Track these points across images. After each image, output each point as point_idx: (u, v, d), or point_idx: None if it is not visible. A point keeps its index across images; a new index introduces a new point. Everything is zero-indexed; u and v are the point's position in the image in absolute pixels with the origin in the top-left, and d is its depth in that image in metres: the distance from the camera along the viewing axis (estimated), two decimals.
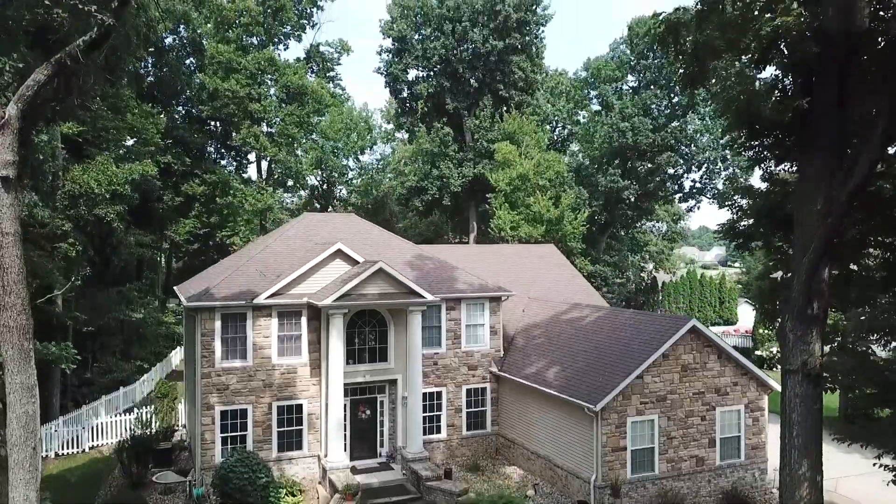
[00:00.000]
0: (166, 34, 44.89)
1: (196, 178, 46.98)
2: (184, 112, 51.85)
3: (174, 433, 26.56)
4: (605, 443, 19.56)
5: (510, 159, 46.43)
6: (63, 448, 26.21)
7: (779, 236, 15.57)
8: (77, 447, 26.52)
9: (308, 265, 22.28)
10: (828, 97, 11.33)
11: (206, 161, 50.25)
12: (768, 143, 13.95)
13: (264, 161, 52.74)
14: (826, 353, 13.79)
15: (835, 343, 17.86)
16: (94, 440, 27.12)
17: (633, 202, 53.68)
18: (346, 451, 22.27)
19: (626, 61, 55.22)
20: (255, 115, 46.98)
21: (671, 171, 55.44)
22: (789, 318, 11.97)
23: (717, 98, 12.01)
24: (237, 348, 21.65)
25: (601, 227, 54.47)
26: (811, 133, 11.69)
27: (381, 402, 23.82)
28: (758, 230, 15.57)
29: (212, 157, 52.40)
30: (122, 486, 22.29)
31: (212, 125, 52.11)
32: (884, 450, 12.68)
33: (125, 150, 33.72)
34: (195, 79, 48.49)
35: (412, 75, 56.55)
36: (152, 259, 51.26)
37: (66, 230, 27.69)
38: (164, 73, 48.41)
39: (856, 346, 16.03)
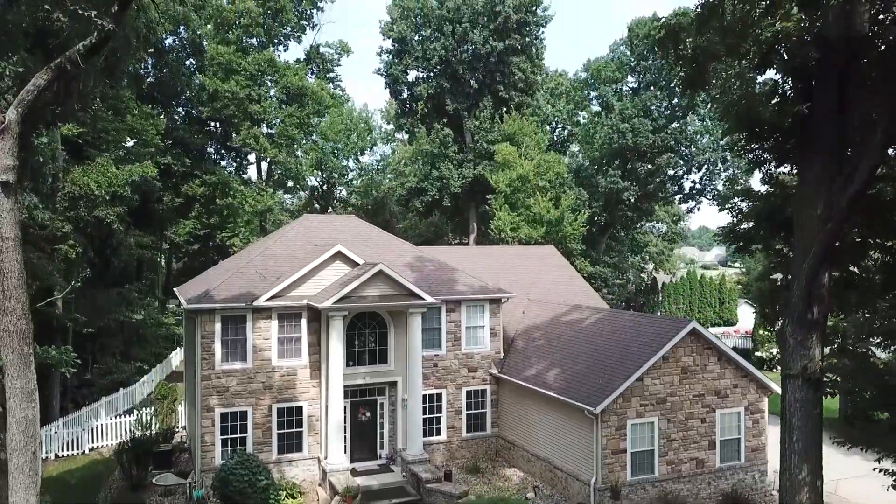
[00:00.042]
0: (166, 35, 44.86)
1: (196, 178, 46.97)
2: (184, 113, 51.82)
3: (174, 435, 26.56)
4: (604, 445, 19.56)
5: (510, 160, 46.42)
6: (63, 450, 26.20)
7: (779, 238, 15.56)
8: (77, 449, 26.52)
9: (308, 267, 22.29)
10: (828, 102, 11.33)
11: (206, 162, 50.21)
12: (768, 146, 13.94)
13: (264, 162, 52.74)
14: (826, 354, 13.79)
15: (835, 345, 17.84)
16: (93, 442, 27.11)
17: (633, 203, 53.66)
18: (346, 454, 22.27)
19: (625, 62, 55.22)
20: (255, 116, 46.95)
21: (671, 172, 55.43)
22: (789, 322, 11.97)
23: (717, 102, 12.02)
24: (237, 350, 21.66)
25: (601, 228, 54.46)
26: (811, 138, 11.69)
27: (381, 404, 23.81)
28: (758, 233, 15.56)
29: (212, 158, 52.36)
30: (121, 489, 22.29)
31: (212, 126, 52.07)
32: (884, 453, 12.67)
33: (125, 151, 33.70)
34: (195, 80, 48.47)
35: (412, 76, 56.62)
36: (152, 260, 51.21)
37: (66, 232, 27.68)
38: (164, 73, 48.40)
39: (856, 347, 16.03)
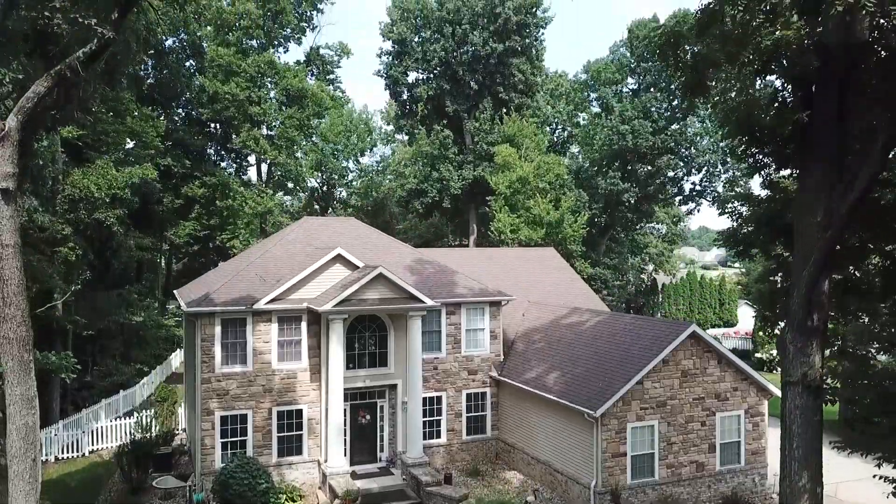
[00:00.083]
0: (166, 37, 44.87)
1: (196, 180, 46.97)
2: (184, 114, 51.84)
3: (174, 437, 26.57)
4: (605, 448, 19.55)
5: (510, 162, 46.42)
6: (63, 452, 26.20)
7: (779, 242, 15.54)
8: (77, 451, 26.52)
9: (308, 270, 22.28)
10: (828, 110, 11.33)
11: (206, 163, 50.22)
12: (768, 151, 13.93)
13: (264, 164, 52.75)
14: (826, 356, 13.79)
15: (835, 347, 17.83)
16: (93, 444, 27.11)
17: (633, 205, 53.66)
18: (346, 457, 22.27)
19: (625, 64, 55.21)
20: (255, 117, 46.95)
21: (671, 173, 55.41)
22: (789, 329, 11.97)
23: (717, 108, 12.02)
24: (237, 353, 21.66)
25: (601, 229, 54.45)
26: (811, 145, 11.69)
27: (381, 407, 23.80)
28: (758, 238, 15.55)
29: (212, 160, 52.38)
30: (121, 492, 22.29)
31: (212, 127, 52.09)
32: (883, 456, 12.67)
33: (125, 153, 33.69)
34: (195, 81, 48.47)
35: (412, 78, 56.61)
36: (152, 261, 51.21)
37: (66, 234, 27.67)
38: (164, 75, 48.42)
39: (856, 350, 16.02)
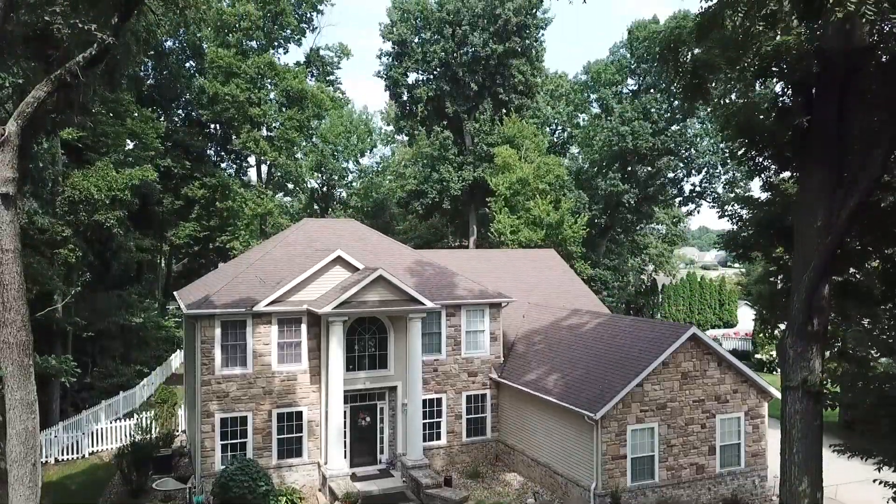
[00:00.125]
0: (166, 38, 44.86)
1: (196, 181, 46.94)
2: (184, 115, 51.85)
3: (174, 439, 26.56)
4: (605, 451, 19.55)
5: (510, 163, 46.40)
6: (63, 454, 26.18)
7: (780, 245, 15.53)
8: (77, 453, 26.50)
9: (308, 272, 22.28)
10: (828, 115, 11.33)
11: (206, 164, 50.19)
12: (769, 154, 13.92)
13: (264, 165, 52.74)
14: (826, 357, 13.78)
15: (835, 348, 17.81)
16: (94, 446, 27.10)
17: (633, 206, 53.61)
18: (346, 459, 22.28)
19: (625, 65, 55.14)
20: (255, 119, 46.91)
21: (671, 174, 55.37)
22: (789, 334, 11.97)
23: (718, 112, 12.01)
24: (237, 355, 21.66)
25: (601, 230, 54.38)
26: (811, 150, 11.69)
27: (381, 409, 23.81)
28: (758, 241, 15.55)
29: (212, 161, 52.36)
30: (122, 494, 22.29)
31: (212, 128, 52.09)
32: (883, 460, 12.66)
33: (125, 154, 33.67)
34: (195, 82, 48.46)
35: (412, 79, 56.59)
36: (152, 262, 51.19)
37: (66, 236, 27.69)
38: (164, 76, 48.44)
39: (856, 351, 16.00)
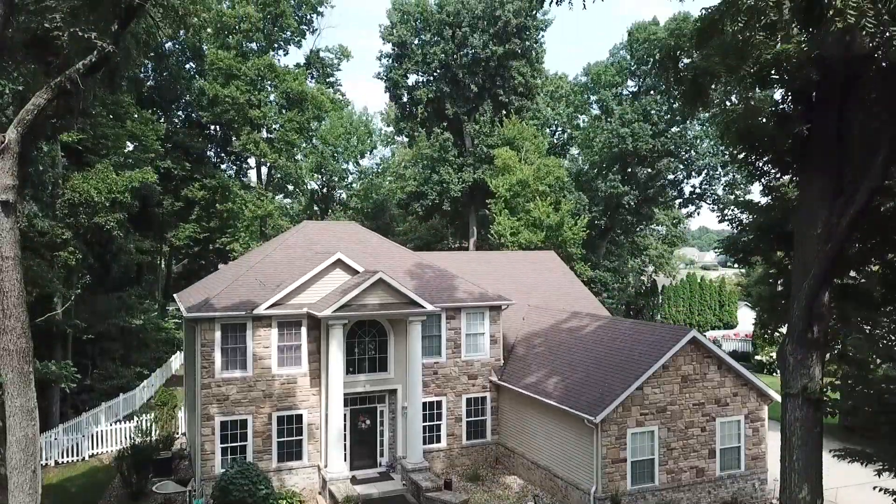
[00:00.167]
0: (166, 40, 44.82)
1: (196, 182, 46.96)
2: (184, 116, 51.86)
3: (174, 441, 26.55)
4: (605, 454, 19.55)
5: (510, 165, 46.41)
6: (63, 456, 26.17)
7: (780, 251, 15.52)
8: (77, 455, 26.49)
9: (308, 275, 22.28)
10: (828, 123, 11.34)
11: (206, 166, 50.22)
12: (769, 159, 13.92)
13: (264, 167, 52.76)
14: (826, 359, 13.77)
15: (835, 350, 17.80)
16: (94, 448, 27.09)
17: (633, 207, 53.64)
18: (346, 462, 22.26)
19: (625, 67, 55.19)
20: (255, 121, 46.94)
21: (671, 176, 55.40)
22: (789, 341, 11.97)
23: (717, 118, 12.01)
24: (237, 359, 21.65)
25: (601, 232, 54.40)
26: (811, 157, 11.70)
27: (381, 412, 23.81)
28: (758, 246, 15.56)
29: (212, 162, 52.38)
30: (122, 497, 22.30)
31: (212, 129, 52.10)
32: (884, 466, 12.65)
33: (125, 156, 33.68)
34: (195, 83, 48.47)
35: (412, 80, 56.64)
36: (152, 263, 51.20)
37: (66, 238, 27.68)
38: (164, 77, 48.44)
39: (856, 354, 15.99)
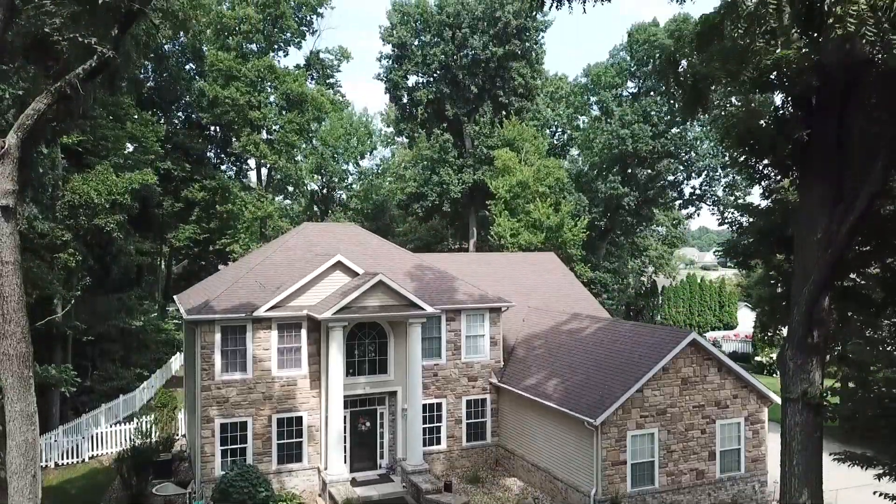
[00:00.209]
0: (166, 41, 44.83)
1: (196, 183, 46.93)
2: (184, 117, 51.84)
3: (174, 443, 26.51)
4: (604, 456, 19.55)
5: (510, 166, 46.40)
6: (63, 458, 26.16)
7: (780, 254, 15.53)
8: (77, 457, 26.48)
9: (308, 277, 22.28)
10: (828, 129, 11.35)
11: (206, 167, 50.19)
12: (769, 162, 13.93)
13: (264, 168, 52.74)
14: (827, 361, 13.78)
15: (835, 352, 17.81)
16: (94, 450, 27.08)
17: (633, 209, 53.64)
18: (345, 464, 22.26)
19: (625, 68, 55.20)
20: (255, 122, 46.92)
21: (671, 177, 55.41)
22: (789, 346, 11.99)
23: (717, 123, 12.03)
24: (237, 361, 21.65)
25: (601, 233, 54.41)
26: (811, 162, 11.72)
27: (381, 414, 23.80)
28: (758, 249, 15.56)
29: (212, 163, 52.35)
30: (122, 498, 22.28)
31: (212, 130, 52.08)
32: (884, 471, 12.67)
33: (125, 157, 33.66)
34: (195, 84, 48.45)
35: (412, 81, 56.61)
36: (152, 264, 51.19)
37: (66, 240, 27.65)
38: (164, 78, 48.41)
39: (857, 358, 16.01)
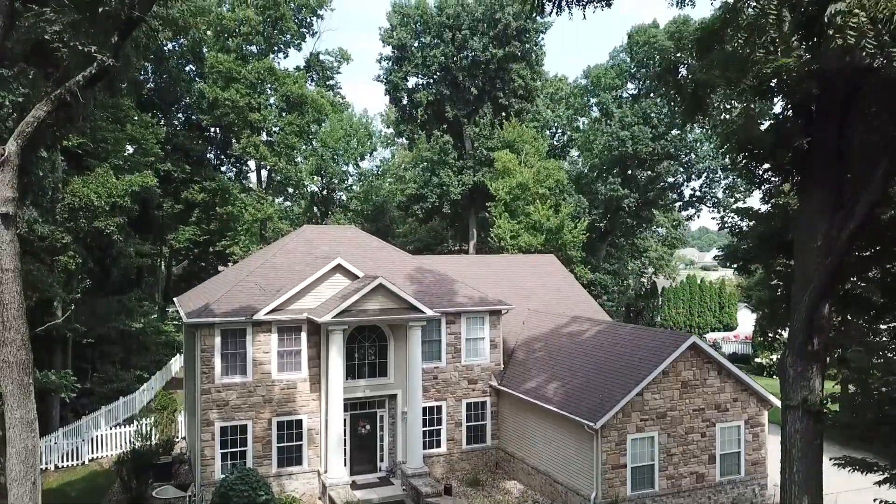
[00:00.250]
0: (166, 42, 44.82)
1: (196, 184, 46.93)
2: (183, 119, 51.83)
3: (174, 446, 26.48)
4: (605, 460, 19.54)
5: (510, 168, 46.41)
6: (63, 460, 26.12)
7: (781, 258, 15.52)
8: (77, 459, 26.45)
9: (308, 280, 22.28)
10: (828, 137, 11.36)
11: (206, 168, 50.19)
12: (769, 167, 13.94)
13: (264, 170, 52.73)
14: (828, 362, 13.78)
15: (835, 355, 17.81)
16: (93, 452, 27.05)
17: (633, 210, 53.65)
18: (346, 467, 22.26)
19: (625, 69, 55.22)
20: (255, 124, 46.92)
21: (671, 179, 55.42)
22: (790, 353, 11.99)
23: (718, 130, 12.04)
24: (237, 364, 21.65)
25: (601, 235, 54.41)
26: (811, 171, 11.72)
27: (381, 417, 23.80)
28: (758, 254, 15.56)
29: (212, 165, 52.35)
30: (121, 501, 22.26)
31: (212, 132, 52.08)
32: (886, 477, 12.66)
33: (125, 159, 33.65)
34: (195, 86, 48.44)
35: (412, 83, 56.61)
36: (152, 266, 51.18)
37: (66, 243, 27.65)
38: (164, 79, 48.40)
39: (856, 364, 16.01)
